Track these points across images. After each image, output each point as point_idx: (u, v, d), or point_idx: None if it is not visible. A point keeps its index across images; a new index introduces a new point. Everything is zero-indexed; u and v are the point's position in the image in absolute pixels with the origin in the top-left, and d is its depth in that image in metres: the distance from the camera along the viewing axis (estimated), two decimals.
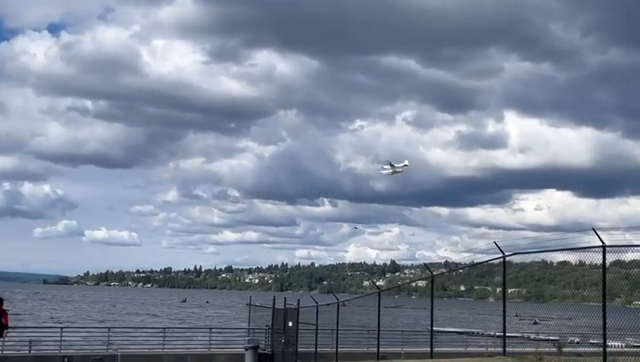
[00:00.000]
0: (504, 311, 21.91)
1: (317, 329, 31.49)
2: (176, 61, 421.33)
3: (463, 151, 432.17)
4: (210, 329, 36.84)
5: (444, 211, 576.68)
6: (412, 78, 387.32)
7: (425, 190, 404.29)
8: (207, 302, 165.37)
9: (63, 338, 32.16)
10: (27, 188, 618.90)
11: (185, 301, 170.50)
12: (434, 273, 25.13)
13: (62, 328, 32.89)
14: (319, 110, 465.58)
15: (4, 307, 25.25)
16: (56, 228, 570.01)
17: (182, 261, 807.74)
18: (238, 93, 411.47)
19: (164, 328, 36.57)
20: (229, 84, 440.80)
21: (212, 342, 35.63)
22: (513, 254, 21.26)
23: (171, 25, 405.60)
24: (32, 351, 31.63)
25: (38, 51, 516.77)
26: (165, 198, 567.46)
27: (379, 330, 28.59)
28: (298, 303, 32.94)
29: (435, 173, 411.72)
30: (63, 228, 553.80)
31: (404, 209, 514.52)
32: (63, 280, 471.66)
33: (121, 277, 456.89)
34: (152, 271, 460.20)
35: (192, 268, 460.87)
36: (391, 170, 64.20)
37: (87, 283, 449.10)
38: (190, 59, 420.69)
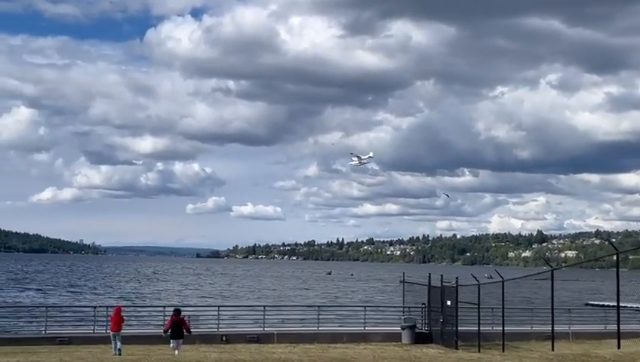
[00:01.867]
0: None
1: (479, 308, 29.46)
2: (312, 37, 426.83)
3: (613, 113, 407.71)
4: (365, 306, 35.74)
5: (594, 178, 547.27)
6: (556, 39, 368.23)
7: (573, 156, 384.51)
8: (352, 275, 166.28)
9: (220, 315, 32.27)
10: (178, 167, 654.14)
11: (330, 273, 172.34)
12: (618, 250, 22.19)
13: (219, 306, 32.93)
14: (457, 78, 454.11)
15: (181, 316, 25.52)
16: (206, 204, 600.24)
17: (324, 234, 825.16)
18: (375, 66, 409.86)
19: (319, 306, 35.94)
20: (365, 57, 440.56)
21: (367, 320, 34.58)
22: None
23: (307, 1, 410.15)
24: (192, 329, 31.88)
25: (182, 36, 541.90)
26: (306, 173, 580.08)
27: (553, 313, 26.10)
28: (457, 281, 31.08)
29: (584, 139, 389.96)
30: (212, 204, 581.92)
31: (550, 177, 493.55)
32: (214, 254, 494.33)
33: (268, 251, 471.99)
34: (296, 244, 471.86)
35: (334, 241, 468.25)
36: (357, 162, 71.14)
37: (237, 256, 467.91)
38: (326, 35, 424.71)
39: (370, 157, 73.06)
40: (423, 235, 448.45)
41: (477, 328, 29.44)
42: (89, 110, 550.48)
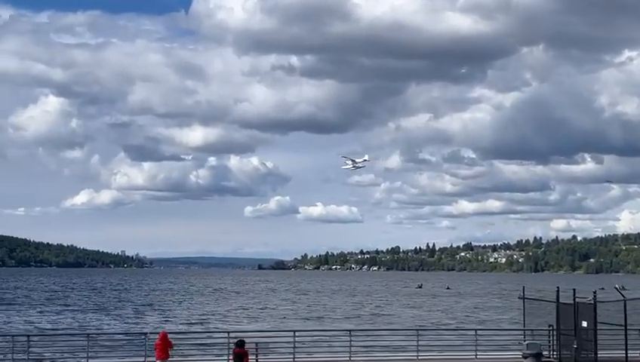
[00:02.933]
0: None
1: (626, 330, 28.22)
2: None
3: None
4: (476, 330, 34.71)
5: None
6: None
7: None
8: (448, 288, 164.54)
9: (297, 342, 31.88)
10: (234, 161, 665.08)
11: (421, 286, 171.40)
12: None
13: (295, 332, 32.56)
14: (573, 42, 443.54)
15: (245, 348, 27.30)
16: (267, 205, 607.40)
17: (411, 238, 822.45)
18: (469, 31, 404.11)
19: (417, 329, 35.17)
20: (456, 20, 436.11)
21: (478, 346, 33.55)
22: None
23: None
24: (259, 358, 31.71)
25: (235, 4, 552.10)
26: (387, 165, 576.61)
27: None
28: (594, 297, 29.81)
29: None
30: (275, 205, 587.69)
31: None
32: (279, 265, 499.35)
33: (343, 260, 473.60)
34: (377, 252, 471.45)
35: (423, 247, 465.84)
36: (352, 166, 78.13)
37: (306, 267, 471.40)
38: None
39: (365, 160, 79.62)
40: (535, 238, 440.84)
41: (624, 354, 28.28)
42: (128, 97, 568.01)
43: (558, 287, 33.16)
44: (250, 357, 28.30)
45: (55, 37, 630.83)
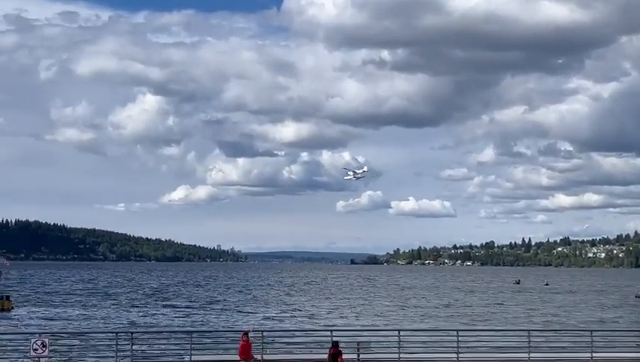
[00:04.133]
0: None
1: None
2: None
3: None
4: (592, 331, 32.71)
5: None
6: None
7: None
8: (547, 284, 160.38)
9: (401, 341, 30.65)
10: (326, 157, 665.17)
11: (519, 282, 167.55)
12: None
13: (399, 331, 31.27)
14: None
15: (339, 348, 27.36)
16: (359, 200, 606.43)
17: (506, 233, 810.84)
18: (566, 20, 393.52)
19: (528, 330, 33.42)
20: (552, 9, 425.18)
21: (594, 348, 31.56)
22: None
23: None
24: (360, 356, 30.75)
25: (325, 0, 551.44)
26: (480, 158, 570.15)
27: None
28: None
29: None
30: (367, 200, 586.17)
31: None
32: (372, 260, 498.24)
33: (436, 255, 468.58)
34: (470, 247, 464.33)
35: (518, 242, 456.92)
36: (352, 176, 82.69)
37: (398, 261, 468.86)
38: None
39: (364, 171, 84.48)
40: (635, 232, 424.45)
41: None
42: (222, 94, 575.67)
43: None
44: (349, 357, 27.66)
45: (152, 37, 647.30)
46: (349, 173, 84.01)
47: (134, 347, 29.81)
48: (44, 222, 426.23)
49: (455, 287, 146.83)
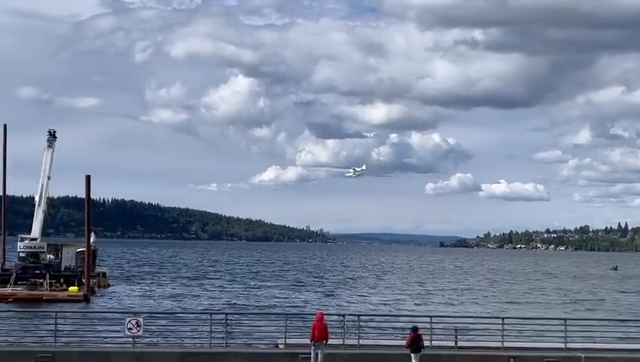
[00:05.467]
0: None
1: None
2: None
3: None
4: None
5: None
6: None
7: None
8: None
9: (505, 329, 29.04)
10: (415, 138, 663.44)
11: (616, 268, 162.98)
12: None
13: (503, 319, 29.64)
14: None
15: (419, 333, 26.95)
16: (449, 182, 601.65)
17: (601, 217, 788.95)
18: None
19: (624, 319, 31.26)
20: None
21: None
22: None
23: None
24: (457, 343, 29.43)
25: None
26: (575, 141, 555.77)
27: None
28: None
29: None
30: (456, 182, 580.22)
31: None
32: (461, 243, 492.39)
33: (528, 239, 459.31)
34: (564, 231, 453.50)
35: (614, 226, 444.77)
36: (353, 174, 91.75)
37: (489, 245, 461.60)
38: None
39: (363, 169, 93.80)
40: None
41: None
42: (312, 76, 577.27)
43: None
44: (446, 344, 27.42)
45: (244, 19, 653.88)
46: (349, 170, 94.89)
47: (228, 328, 29.30)
48: (139, 201, 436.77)
49: (549, 273, 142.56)
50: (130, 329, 27.69)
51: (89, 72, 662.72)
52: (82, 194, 70.17)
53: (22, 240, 68.92)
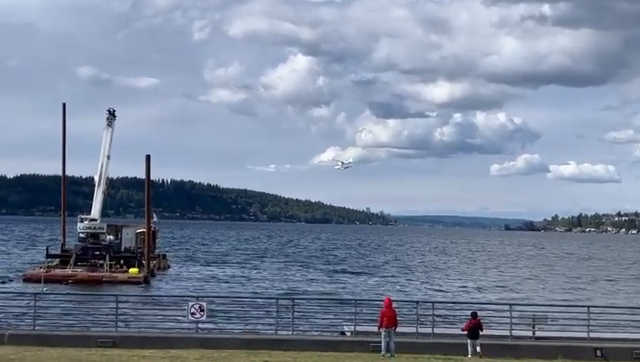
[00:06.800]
0: None
1: None
2: None
3: None
4: None
5: None
6: None
7: None
8: None
9: (591, 320, 27.69)
10: (480, 118, 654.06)
11: None
12: None
13: (589, 307, 28.23)
14: None
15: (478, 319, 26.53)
16: (515, 163, 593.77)
17: None
18: None
19: None
20: None
21: None
22: None
23: None
24: (536, 333, 28.21)
25: None
26: None
27: None
28: None
29: None
30: (523, 163, 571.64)
31: None
32: (528, 226, 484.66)
33: (598, 222, 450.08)
34: (636, 214, 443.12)
35: None
36: (341, 166, 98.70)
37: (557, 228, 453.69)
38: None
39: (350, 162, 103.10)
40: None
41: None
42: (373, 54, 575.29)
43: None
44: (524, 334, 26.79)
45: None
46: (338, 162, 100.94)
47: (295, 314, 28.55)
48: (197, 182, 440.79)
49: (612, 257, 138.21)
50: (193, 313, 27.18)
51: (147, 50, 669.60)
52: (141, 175, 70.53)
53: (82, 220, 69.29)
